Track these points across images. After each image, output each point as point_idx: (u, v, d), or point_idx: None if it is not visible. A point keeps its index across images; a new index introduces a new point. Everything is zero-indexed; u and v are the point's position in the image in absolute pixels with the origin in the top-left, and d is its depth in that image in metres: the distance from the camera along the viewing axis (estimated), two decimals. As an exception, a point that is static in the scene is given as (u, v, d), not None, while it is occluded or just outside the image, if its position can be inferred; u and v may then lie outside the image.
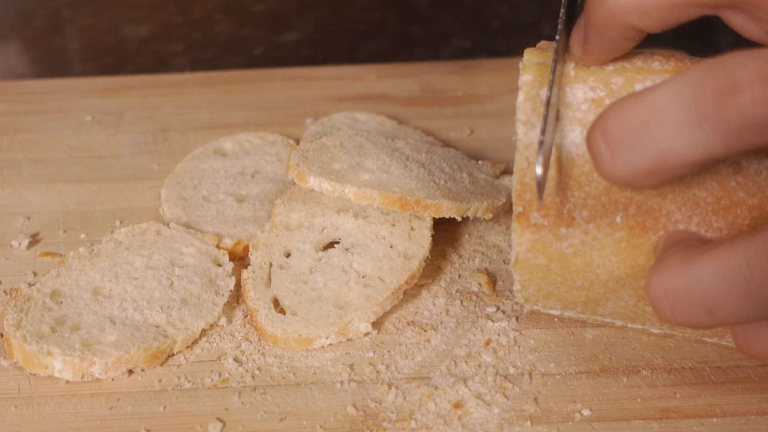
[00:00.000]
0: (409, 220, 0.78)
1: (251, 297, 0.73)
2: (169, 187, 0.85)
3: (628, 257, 0.64)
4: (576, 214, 0.64)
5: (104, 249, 0.76)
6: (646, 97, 0.54)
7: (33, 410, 0.66)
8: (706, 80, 0.52)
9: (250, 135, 0.92)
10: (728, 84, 0.51)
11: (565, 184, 0.63)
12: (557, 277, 0.67)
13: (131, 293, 0.73)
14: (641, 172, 0.54)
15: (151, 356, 0.69)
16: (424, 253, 0.76)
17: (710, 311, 0.54)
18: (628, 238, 0.64)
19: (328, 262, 0.76)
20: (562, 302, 0.69)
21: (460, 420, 0.66)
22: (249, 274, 0.75)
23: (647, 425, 0.65)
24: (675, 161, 0.53)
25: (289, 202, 0.80)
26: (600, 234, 0.64)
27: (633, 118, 0.54)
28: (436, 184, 0.78)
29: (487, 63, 1.06)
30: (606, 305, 0.68)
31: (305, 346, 0.71)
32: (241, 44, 1.19)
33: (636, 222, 0.63)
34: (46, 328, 0.69)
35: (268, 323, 0.71)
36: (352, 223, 0.78)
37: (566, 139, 0.63)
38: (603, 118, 0.55)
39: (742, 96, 0.51)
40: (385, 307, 0.73)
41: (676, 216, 0.62)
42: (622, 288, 0.66)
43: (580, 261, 0.65)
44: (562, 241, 0.65)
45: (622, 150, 0.54)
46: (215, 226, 0.80)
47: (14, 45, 1.19)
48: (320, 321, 0.71)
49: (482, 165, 0.86)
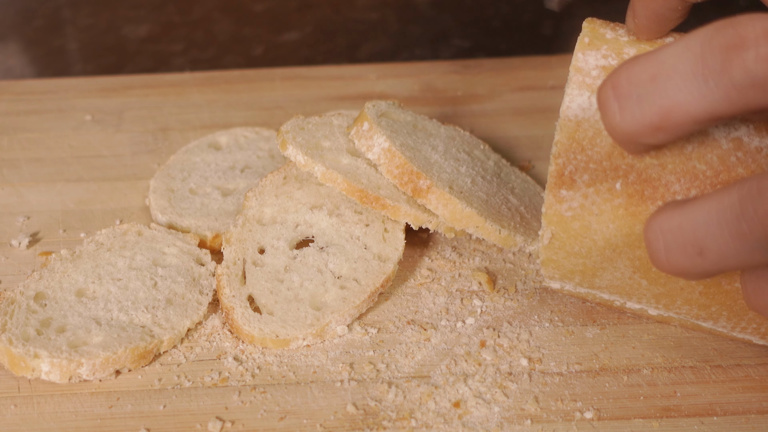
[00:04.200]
0: (382, 221, 0.78)
1: (226, 294, 0.73)
2: (159, 179, 0.85)
3: (626, 225, 0.64)
4: (577, 177, 0.64)
5: (86, 250, 0.76)
6: (658, 53, 0.55)
7: (33, 409, 0.66)
8: (714, 37, 0.53)
9: (246, 130, 0.92)
10: (735, 41, 0.52)
11: (568, 146, 0.64)
12: (555, 242, 0.67)
13: (115, 294, 0.73)
14: (647, 126, 0.55)
15: (139, 356, 0.69)
16: (399, 256, 0.76)
17: (701, 251, 0.55)
18: (627, 206, 0.64)
19: (303, 261, 0.75)
20: (561, 271, 0.68)
21: (460, 419, 0.65)
22: (223, 270, 0.74)
23: (647, 424, 0.65)
24: (679, 116, 0.54)
25: (261, 195, 0.80)
26: (599, 199, 0.64)
27: (643, 72, 0.55)
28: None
29: (487, 63, 1.06)
30: (603, 276, 0.67)
31: (282, 346, 0.71)
32: (241, 44, 1.19)
33: (635, 190, 0.63)
34: (32, 331, 0.69)
35: (245, 322, 0.71)
36: (326, 221, 0.78)
37: (574, 102, 0.64)
38: (615, 73, 0.56)
39: (747, 52, 0.52)
40: (361, 310, 0.73)
41: (675, 187, 0.63)
42: (619, 257, 0.66)
43: (579, 225, 0.65)
44: (562, 204, 0.65)
45: (630, 103, 0.55)
46: (198, 219, 0.80)
47: (14, 45, 1.19)
48: (297, 322, 0.71)
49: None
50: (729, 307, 0.66)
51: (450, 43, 1.20)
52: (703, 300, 0.66)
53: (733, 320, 0.67)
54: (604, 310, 0.74)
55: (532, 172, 0.89)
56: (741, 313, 0.66)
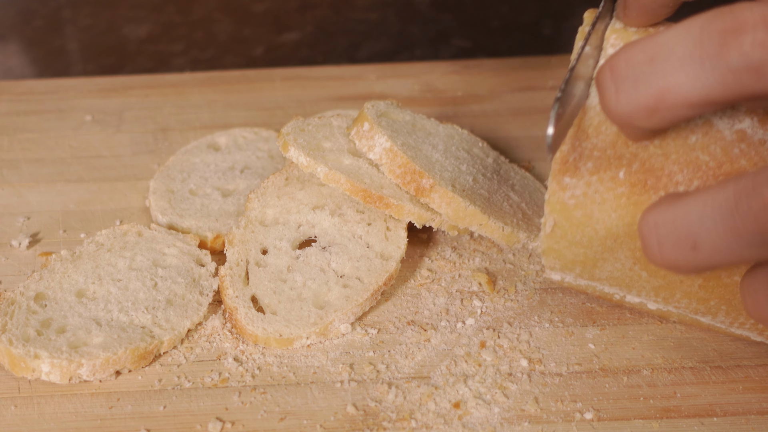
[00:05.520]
0: (384, 219, 0.78)
1: (230, 295, 0.73)
2: (158, 180, 0.85)
3: (627, 214, 0.64)
4: (581, 165, 0.64)
5: (86, 251, 0.76)
6: (657, 36, 0.55)
7: (33, 410, 0.66)
8: (713, 21, 0.53)
9: (245, 130, 0.92)
10: (733, 25, 0.52)
11: (573, 133, 0.64)
12: (558, 230, 0.67)
13: (115, 295, 0.73)
14: (642, 108, 0.56)
15: (139, 357, 0.69)
16: (401, 254, 0.76)
17: (694, 245, 0.55)
18: (629, 195, 0.64)
19: (305, 260, 0.76)
20: (562, 261, 0.68)
21: (460, 419, 0.65)
22: (226, 271, 0.74)
23: (647, 425, 0.65)
24: (674, 99, 0.54)
25: (263, 196, 0.80)
26: (602, 187, 0.64)
27: (641, 54, 0.55)
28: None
29: (487, 63, 1.06)
30: (603, 267, 0.67)
31: (286, 346, 0.71)
32: (241, 44, 1.19)
33: (638, 179, 0.64)
34: (32, 332, 0.69)
35: (249, 322, 0.71)
36: (328, 221, 0.78)
37: (580, 90, 0.64)
38: (614, 55, 0.57)
39: (744, 37, 0.52)
40: (364, 308, 0.73)
41: (678, 177, 0.63)
42: (619, 247, 0.66)
43: (581, 213, 0.65)
44: (565, 191, 0.65)
45: (627, 85, 0.56)
46: (198, 219, 0.81)
47: (14, 45, 1.19)
48: (301, 321, 0.71)
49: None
50: (728, 301, 0.66)
51: (450, 44, 1.20)
52: (702, 293, 0.66)
53: (731, 315, 0.67)
54: (604, 310, 0.74)
55: (532, 173, 0.89)
56: (740, 307, 0.66)
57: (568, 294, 0.76)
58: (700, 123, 0.63)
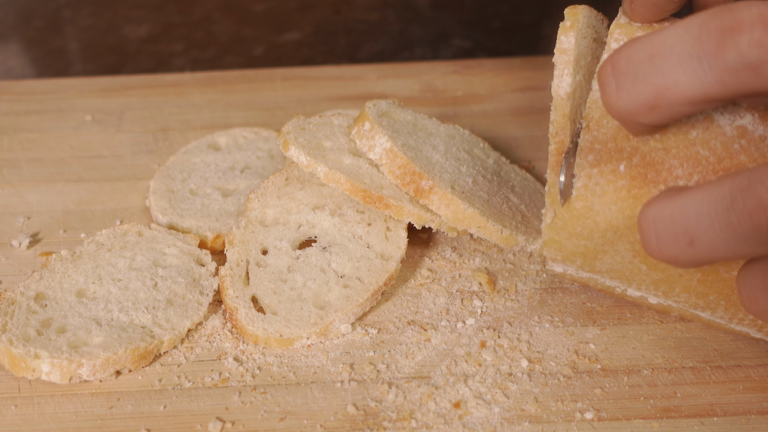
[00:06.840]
0: (384, 220, 0.78)
1: (230, 295, 0.73)
2: (159, 180, 0.85)
3: (627, 207, 0.65)
4: (582, 157, 0.64)
5: (86, 251, 0.76)
6: (658, 33, 0.56)
7: (33, 409, 0.66)
8: (712, 20, 0.54)
9: (245, 130, 0.92)
10: (731, 24, 0.53)
11: (563, 124, 0.65)
12: (558, 221, 0.67)
13: (116, 295, 0.73)
14: (642, 105, 0.56)
15: (139, 357, 0.69)
16: (401, 254, 0.76)
17: (691, 241, 0.55)
18: (629, 188, 0.64)
19: (306, 261, 0.76)
20: (563, 252, 0.68)
21: (460, 419, 0.65)
22: (227, 271, 0.74)
23: (648, 425, 0.65)
24: (673, 96, 0.55)
25: (263, 196, 0.80)
26: (603, 180, 0.64)
27: (642, 51, 0.56)
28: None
29: (487, 63, 1.06)
30: (604, 259, 0.67)
31: (286, 346, 0.71)
32: (241, 44, 1.19)
33: (638, 173, 0.64)
34: (32, 331, 0.69)
35: (249, 322, 0.71)
36: (328, 221, 0.78)
37: (563, 82, 0.65)
38: (616, 52, 0.58)
39: (741, 36, 0.53)
40: (364, 308, 0.73)
41: (678, 171, 0.63)
42: (619, 240, 0.66)
43: (581, 206, 0.65)
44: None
45: (627, 81, 0.56)
46: (198, 219, 0.81)
47: (14, 45, 1.19)
48: (301, 321, 0.71)
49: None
50: (726, 296, 0.66)
51: (450, 43, 1.20)
52: (701, 288, 0.66)
53: (730, 311, 0.67)
54: (604, 310, 0.74)
55: (533, 173, 0.89)
56: (738, 303, 0.66)
57: (568, 294, 0.76)
58: (701, 118, 0.63)
